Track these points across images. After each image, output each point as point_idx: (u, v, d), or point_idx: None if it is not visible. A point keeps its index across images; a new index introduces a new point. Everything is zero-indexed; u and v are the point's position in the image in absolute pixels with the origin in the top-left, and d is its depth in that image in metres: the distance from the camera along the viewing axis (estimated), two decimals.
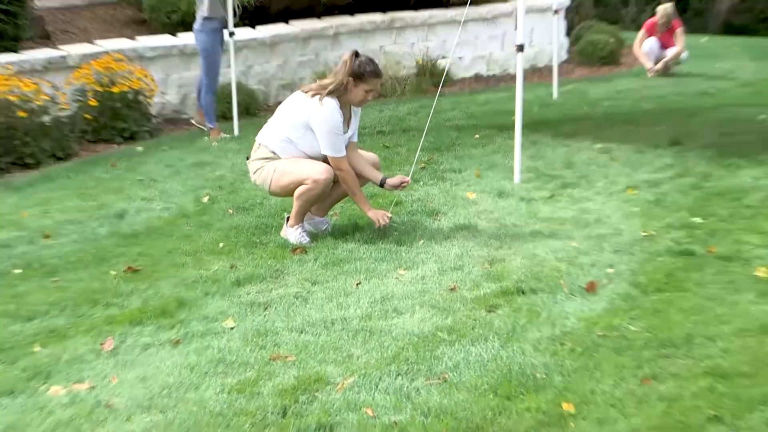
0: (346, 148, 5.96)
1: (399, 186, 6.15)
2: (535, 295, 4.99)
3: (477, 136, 10.05)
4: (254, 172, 6.10)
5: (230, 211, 7.22)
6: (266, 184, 6.07)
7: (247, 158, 6.18)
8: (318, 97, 5.82)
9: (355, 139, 6.17)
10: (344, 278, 5.38)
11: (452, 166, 8.56)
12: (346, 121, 5.98)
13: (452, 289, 5.13)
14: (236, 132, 10.70)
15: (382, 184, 6.13)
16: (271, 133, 6.07)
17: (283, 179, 5.99)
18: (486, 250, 5.85)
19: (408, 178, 6.15)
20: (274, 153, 6.05)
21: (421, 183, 7.89)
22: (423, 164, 8.50)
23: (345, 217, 6.74)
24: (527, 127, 8.32)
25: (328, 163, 5.94)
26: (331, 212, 6.68)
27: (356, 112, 6.02)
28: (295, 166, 5.94)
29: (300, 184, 5.94)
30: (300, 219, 6.19)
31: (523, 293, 5.02)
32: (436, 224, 6.50)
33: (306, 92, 5.90)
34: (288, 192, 6.06)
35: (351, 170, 5.96)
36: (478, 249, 5.87)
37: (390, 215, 6.07)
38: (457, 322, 4.58)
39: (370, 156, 6.35)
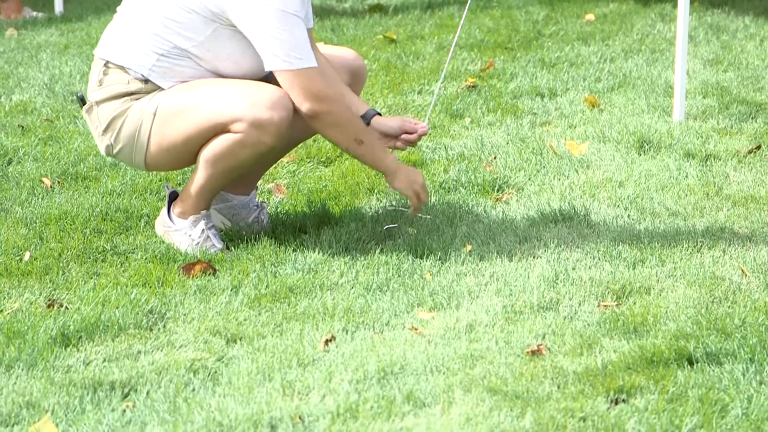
0: None
1: (400, 140, 4.42)
2: (719, 366, 3.57)
3: (590, 16, 7.90)
4: (103, 130, 4.21)
5: (46, 181, 5.64)
6: (134, 151, 4.24)
7: (81, 99, 4.33)
8: None
9: (311, 23, 4.37)
10: (298, 328, 3.92)
11: (536, 82, 6.55)
12: None
13: (534, 353, 3.80)
14: (59, 8, 8.43)
15: None
16: (134, 39, 4.18)
17: (175, 128, 4.14)
18: (608, 267, 4.39)
19: (424, 125, 4.42)
20: (145, 81, 4.19)
21: (469, 121, 6.01)
22: (471, 79, 6.55)
23: (300, 196, 5.14)
24: None
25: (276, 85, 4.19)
26: (264, 184, 4.97)
27: None
28: (203, 94, 4.15)
29: (217, 132, 4.14)
30: (205, 203, 4.35)
31: (690, 363, 3.61)
32: (500, 211, 5.05)
33: None
34: (186, 157, 4.27)
35: (337, 97, 4.16)
36: (592, 266, 4.42)
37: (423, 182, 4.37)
38: (545, 427, 3.42)
39: (343, 56, 4.60)
